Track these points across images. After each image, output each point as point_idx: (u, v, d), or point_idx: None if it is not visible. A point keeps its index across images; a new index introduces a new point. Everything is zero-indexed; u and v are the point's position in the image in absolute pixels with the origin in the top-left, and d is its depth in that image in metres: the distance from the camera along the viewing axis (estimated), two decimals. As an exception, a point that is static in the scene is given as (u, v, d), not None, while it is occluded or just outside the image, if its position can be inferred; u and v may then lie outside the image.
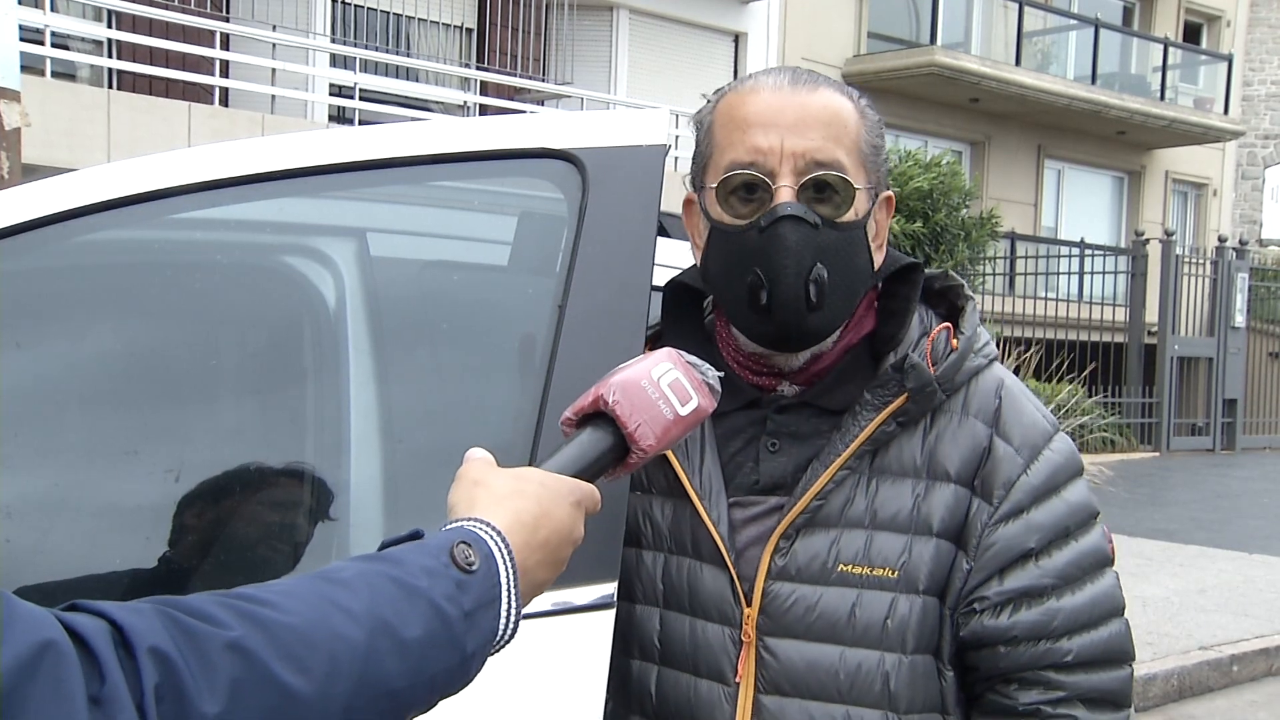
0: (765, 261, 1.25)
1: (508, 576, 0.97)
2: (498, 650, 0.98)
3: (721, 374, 1.22)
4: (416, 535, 0.98)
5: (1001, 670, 1.29)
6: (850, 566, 1.28)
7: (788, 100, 1.27)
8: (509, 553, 0.99)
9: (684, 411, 1.16)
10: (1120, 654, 1.32)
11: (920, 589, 1.28)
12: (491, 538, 0.98)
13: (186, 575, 1.37)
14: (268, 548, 1.43)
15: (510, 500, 1.03)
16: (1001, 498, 1.29)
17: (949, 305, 1.40)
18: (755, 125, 1.27)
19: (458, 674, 0.94)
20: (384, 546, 0.98)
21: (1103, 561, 1.34)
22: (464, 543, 0.96)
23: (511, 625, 0.98)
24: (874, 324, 1.37)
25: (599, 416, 1.15)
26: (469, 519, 1.00)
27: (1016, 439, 1.31)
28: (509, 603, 0.97)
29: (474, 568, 0.95)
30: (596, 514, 1.12)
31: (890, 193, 1.35)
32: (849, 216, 1.27)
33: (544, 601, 1.28)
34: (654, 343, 1.40)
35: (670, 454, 1.35)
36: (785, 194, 1.25)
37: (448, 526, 1.00)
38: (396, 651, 0.88)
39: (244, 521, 1.42)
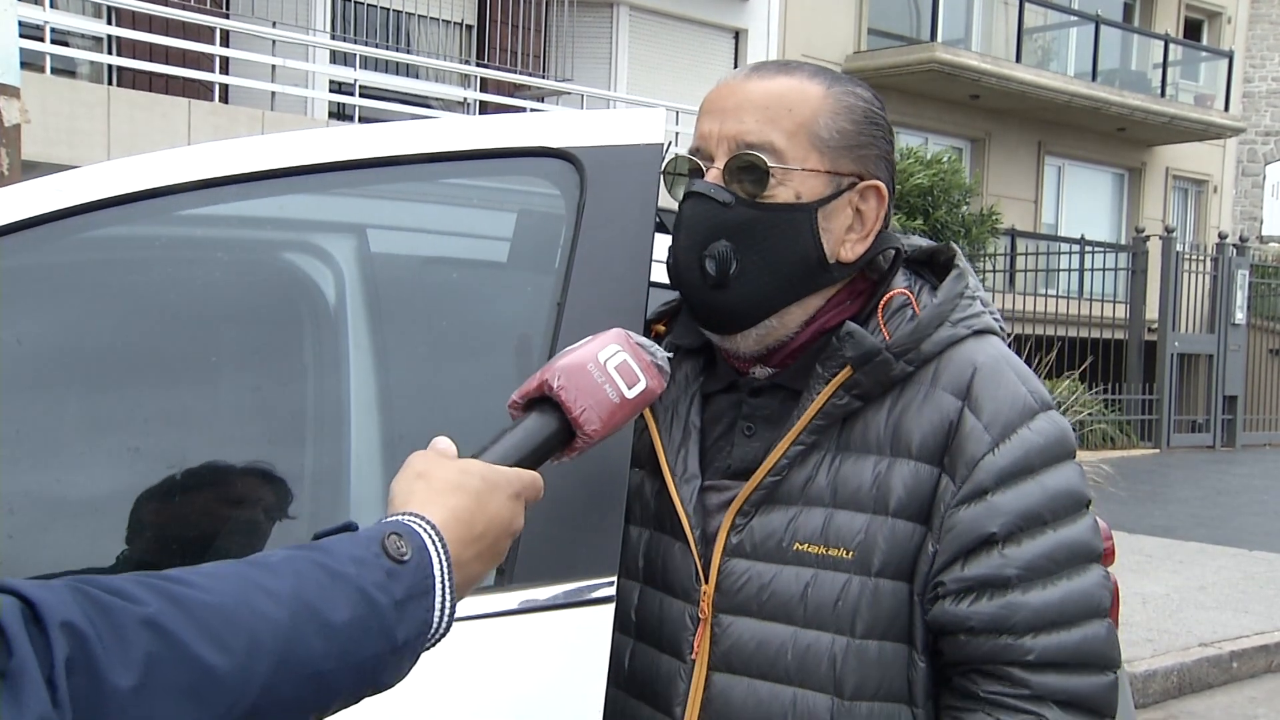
0: (674, 238, 1.30)
1: (442, 570, 0.98)
2: (433, 644, 0.98)
3: (671, 354, 1.22)
4: (350, 527, 0.99)
5: (964, 658, 1.23)
6: (807, 545, 1.25)
7: (736, 88, 1.29)
8: (443, 547, 0.99)
9: (630, 394, 1.16)
10: (1096, 659, 1.23)
11: (874, 571, 1.23)
12: (425, 531, 0.99)
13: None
14: (267, 541, 1.43)
15: (448, 496, 1.03)
16: (965, 476, 1.21)
17: None
18: (704, 113, 1.31)
19: (389, 663, 0.94)
20: (317, 538, 0.98)
21: (1084, 556, 1.24)
22: (395, 534, 0.96)
23: (446, 618, 0.98)
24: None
25: (545, 401, 1.14)
26: (404, 513, 1.01)
27: (987, 414, 1.23)
28: (443, 596, 0.97)
29: (406, 558, 0.95)
30: (602, 508, 1.12)
31: (877, 182, 1.30)
32: (778, 197, 1.25)
33: (545, 594, 1.29)
34: (670, 319, 1.41)
35: (655, 434, 1.36)
36: (712, 175, 1.27)
37: (383, 520, 1.01)
38: (321, 634, 0.88)
39: (244, 515, 1.42)
